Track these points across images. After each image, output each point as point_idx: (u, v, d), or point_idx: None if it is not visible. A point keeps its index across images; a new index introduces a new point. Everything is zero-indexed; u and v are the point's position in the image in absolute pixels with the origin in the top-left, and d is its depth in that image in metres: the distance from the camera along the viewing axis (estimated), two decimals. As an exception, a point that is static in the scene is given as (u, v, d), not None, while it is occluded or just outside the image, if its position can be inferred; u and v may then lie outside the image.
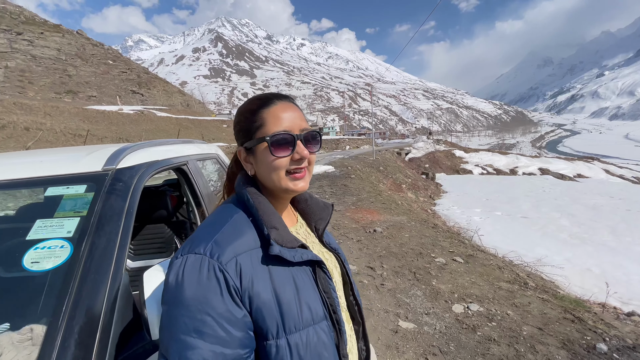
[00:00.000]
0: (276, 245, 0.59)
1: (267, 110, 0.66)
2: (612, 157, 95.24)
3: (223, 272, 0.54)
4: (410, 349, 2.37)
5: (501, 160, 32.18)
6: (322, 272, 0.66)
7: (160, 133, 24.60)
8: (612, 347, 2.32)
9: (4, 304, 0.79)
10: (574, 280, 6.58)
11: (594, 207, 15.33)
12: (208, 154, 1.90)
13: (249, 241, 0.60)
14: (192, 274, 0.54)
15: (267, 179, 0.66)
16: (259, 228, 0.62)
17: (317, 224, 0.78)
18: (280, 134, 0.64)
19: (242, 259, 0.57)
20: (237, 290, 0.54)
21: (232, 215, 0.63)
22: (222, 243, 0.57)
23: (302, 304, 0.59)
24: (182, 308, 0.52)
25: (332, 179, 10.80)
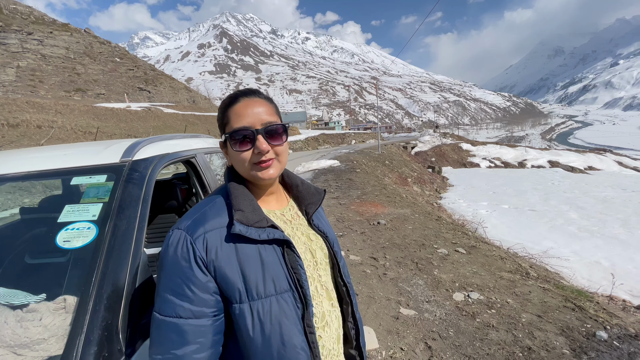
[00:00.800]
0: (237, 225, 0.66)
1: (231, 108, 0.72)
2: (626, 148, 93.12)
3: (192, 244, 0.65)
4: (411, 334, 2.46)
5: (509, 153, 31.78)
6: (290, 250, 0.71)
7: (168, 129, 24.91)
8: (612, 335, 2.36)
9: (41, 279, 0.90)
10: (582, 273, 6.58)
11: (604, 200, 15.12)
12: (215, 148, 2.00)
13: (221, 221, 0.69)
14: (172, 245, 0.65)
15: (239, 170, 0.74)
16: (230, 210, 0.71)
17: (308, 208, 0.84)
18: (238, 130, 0.70)
19: (209, 235, 0.66)
20: (202, 259, 0.65)
21: (214, 200, 0.73)
22: (198, 222, 0.68)
23: (267, 277, 0.67)
24: (163, 271, 0.65)
25: (337, 173, 10.88)
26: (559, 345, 2.25)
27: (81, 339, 0.69)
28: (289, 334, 0.67)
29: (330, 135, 39.39)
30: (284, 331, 0.67)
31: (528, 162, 29.37)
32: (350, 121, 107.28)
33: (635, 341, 2.27)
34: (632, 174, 27.09)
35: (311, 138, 34.63)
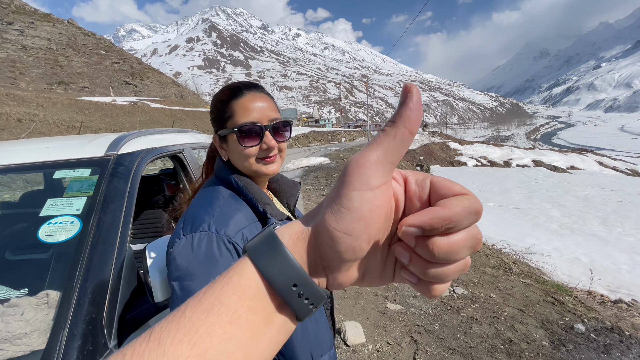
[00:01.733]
0: (273, 219, 0.68)
1: (236, 101, 0.71)
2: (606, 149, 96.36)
3: (233, 244, 0.62)
4: (397, 328, 2.51)
5: (495, 153, 32.47)
6: None
7: (155, 124, 24.44)
8: (589, 328, 2.46)
9: (22, 274, 0.89)
10: (562, 269, 6.80)
11: (585, 199, 15.63)
12: (203, 144, 1.99)
13: (247, 217, 0.68)
14: (204, 250, 0.60)
15: (239, 165, 0.73)
16: (252, 206, 0.70)
17: (289, 200, 0.88)
18: (247, 125, 0.70)
19: (246, 232, 0.65)
20: None
21: (223, 196, 0.70)
22: (224, 220, 0.64)
23: None
24: (200, 280, 0.58)
25: (327, 171, 10.91)
26: (539, 337, 2.34)
27: (64, 333, 0.69)
28: (318, 314, 0.73)
29: (320, 133, 39.39)
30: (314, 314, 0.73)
31: (513, 161, 30.09)
32: (340, 119, 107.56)
33: (611, 333, 2.38)
34: (611, 174, 28.10)
35: (301, 135, 34.55)
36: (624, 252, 8.58)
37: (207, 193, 0.73)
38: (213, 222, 0.63)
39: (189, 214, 0.68)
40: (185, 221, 0.66)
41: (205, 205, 0.67)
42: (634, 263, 7.80)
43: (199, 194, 0.75)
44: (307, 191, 7.88)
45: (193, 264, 0.59)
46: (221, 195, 0.70)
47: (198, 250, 0.60)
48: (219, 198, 0.69)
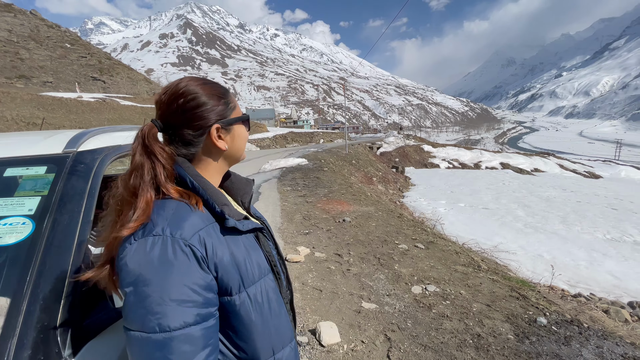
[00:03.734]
0: (231, 219, 0.68)
1: (231, 95, 0.78)
2: (566, 153, 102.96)
3: (190, 247, 0.60)
4: (372, 326, 2.54)
5: (466, 155, 33.84)
6: (262, 236, 0.79)
7: (125, 122, 23.38)
8: (551, 321, 2.61)
9: None
10: (527, 265, 7.18)
11: (547, 199, 16.63)
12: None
13: (203, 218, 0.66)
14: (158, 254, 0.58)
15: (239, 150, 0.80)
16: (209, 207, 0.69)
17: (243, 198, 0.88)
18: (246, 114, 0.81)
19: (202, 233, 0.63)
20: (203, 258, 0.61)
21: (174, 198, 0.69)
22: (178, 222, 0.62)
23: (253, 262, 0.71)
24: (155, 285, 0.56)
25: (305, 172, 10.89)
26: (505, 331, 2.45)
27: (13, 342, 0.64)
28: (278, 307, 0.75)
29: (298, 134, 39.29)
30: (273, 306, 0.73)
31: (483, 163, 31.48)
32: (319, 120, 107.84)
33: (570, 326, 2.54)
34: (571, 176, 30.08)
35: (279, 136, 34.29)
36: (582, 249, 9.20)
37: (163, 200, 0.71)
38: (167, 225, 0.61)
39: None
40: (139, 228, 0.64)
41: (157, 208, 0.65)
42: (592, 259, 8.39)
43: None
44: (285, 192, 7.83)
45: (146, 269, 0.57)
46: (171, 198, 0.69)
47: (151, 254, 0.58)
48: (172, 200, 0.67)
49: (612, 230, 11.33)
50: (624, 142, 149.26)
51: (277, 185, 8.80)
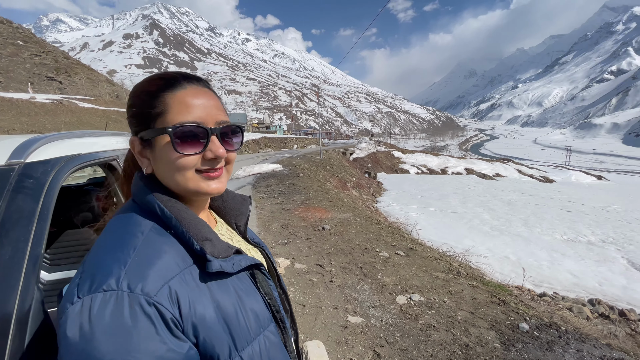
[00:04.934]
0: (216, 261, 0.51)
1: (172, 94, 0.53)
2: (523, 159, 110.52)
3: (155, 306, 0.43)
4: (360, 342, 2.43)
5: (433, 161, 35.21)
6: (260, 274, 0.61)
7: (84, 126, 21.84)
8: (532, 326, 2.65)
9: None
10: (496, 267, 7.46)
11: (509, 203, 17.61)
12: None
13: (176, 260, 0.49)
14: (110, 319, 0.41)
15: (169, 179, 0.55)
16: (184, 242, 0.52)
17: (237, 220, 0.71)
18: (188, 126, 0.52)
19: (174, 284, 0.46)
20: (176, 322, 0.45)
21: (141, 232, 0.50)
22: (141, 269, 0.45)
23: (248, 313, 0.54)
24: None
25: (280, 178, 10.68)
26: (491, 339, 2.44)
27: None
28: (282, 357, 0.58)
29: (272, 139, 38.86)
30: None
31: (449, 169, 32.89)
32: (292, 126, 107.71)
33: (550, 330, 2.58)
34: (528, 180, 32.23)
35: (252, 141, 33.70)
36: (543, 250, 9.76)
37: (117, 227, 0.52)
38: (124, 274, 0.44)
39: (89, 261, 0.47)
40: (82, 274, 0.46)
41: (113, 248, 0.48)
42: (552, 259, 8.90)
43: (107, 228, 0.53)
44: (260, 199, 7.59)
45: (93, 344, 0.40)
46: (138, 230, 0.50)
47: (99, 320, 0.41)
48: (135, 235, 0.49)
49: (568, 231, 12.18)
50: (573, 149, 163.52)
51: (252, 192, 8.53)
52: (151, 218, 0.52)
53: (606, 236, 11.53)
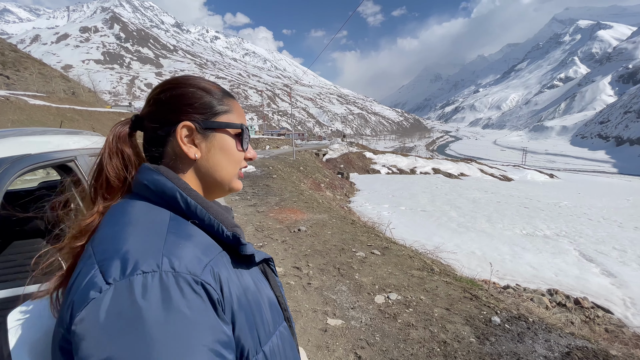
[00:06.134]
0: (249, 245, 0.52)
1: (232, 100, 0.61)
2: (485, 159, 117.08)
3: (203, 285, 0.40)
4: (340, 345, 2.40)
5: (403, 161, 36.31)
6: (270, 271, 0.61)
7: (35, 124, 20.09)
8: (503, 319, 2.76)
9: None
10: (463, 262, 7.78)
11: (474, 200, 18.53)
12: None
13: (209, 245, 0.48)
14: (159, 300, 0.37)
15: (219, 171, 0.58)
16: (211, 230, 0.50)
17: None
18: (248, 128, 0.61)
19: (215, 265, 0.45)
20: (221, 303, 0.42)
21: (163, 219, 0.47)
22: (180, 250, 0.42)
23: (267, 308, 0.52)
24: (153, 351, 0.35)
25: (253, 179, 10.45)
26: (467, 335, 2.51)
27: None
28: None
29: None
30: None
31: (417, 169, 34.07)
32: (264, 126, 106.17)
33: (519, 321, 2.70)
34: (490, 179, 34.16)
35: (221, 142, 32.73)
36: (505, 244, 10.34)
37: (133, 216, 0.47)
38: (162, 254, 0.41)
39: (110, 248, 0.42)
40: (104, 261, 0.40)
41: (139, 233, 0.44)
42: (514, 253, 9.45)
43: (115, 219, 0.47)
44: (233, 202, 7.36)
45: (146, 331, 0.35)
46: (159, 217, 0.47)
47: (148, 302, 0.37)
48: (159, 222, 0.46)
49: (526, 226, 13.02)
50: (528, 150, 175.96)
51: (223, 194, 8.25)
52: (168, 208, 0.50)
53: (559, 230, 12.47)
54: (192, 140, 0.56)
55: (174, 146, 0.55)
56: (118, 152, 0.57)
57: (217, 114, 0.58)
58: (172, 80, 0.58)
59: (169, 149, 0.56)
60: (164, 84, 0.58)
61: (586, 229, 12.85)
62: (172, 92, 0.56)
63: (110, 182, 0.56)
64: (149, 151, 0.58)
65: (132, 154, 0.58)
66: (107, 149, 0.56)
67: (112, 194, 0.56)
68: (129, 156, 0.57)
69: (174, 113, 0.55)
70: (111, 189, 0.56)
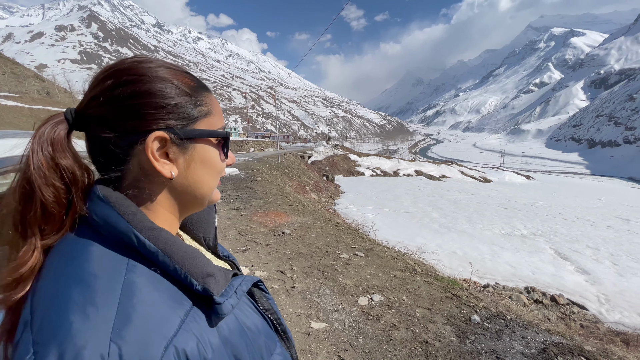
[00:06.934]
0: (227, 302, 0.42)
1: (210, 95, 0.49)
2: (465, 161, 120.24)
3: None
4: (324, 349, 2.40)
5: (387, 164, 36.84)
6: (259, 291, 0.55)
7: (6, 126, 19.13)
8: (482, 317, 2.84)
9: None
10: (445, 262, 7.96)
11: (454, 202, 18.99)
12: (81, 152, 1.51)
13: (173, 308, 0.38)
14: None
15: (200, 186, 0.47)
16: (178, 280, 0.41)
17: (205, 233, 0.62)
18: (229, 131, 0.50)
19: (179, 342, 0.36)
20: None
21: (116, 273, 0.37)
22: (134, 330, 0.33)
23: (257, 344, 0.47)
24: None
25: (237, 182, 10.32)
26: (447, 334, 2.56)
27: None
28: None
29: (226, 142, 37.50)
30: None
31: (400, 171, 34.64)
32: (248, 128, 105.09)
33: (498, 319, 2.79)
34: (470, 181, 35.12)
35: (204, 144, 32.14)
36: (485, 244, 10.65)
37: (81, 267, 0.37)
38: (110, 340, 0.32)
39: (48, 324, 0.33)
40: (40, 345, 0.32)
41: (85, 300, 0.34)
42: (493, 252, 9.74)
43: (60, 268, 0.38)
44: (216, 205, 7.24)
45: None
46: (113, 272, 0.38)
47: None
48: (111, 279, 0.37)
49: (505, 226, 13.45)
50: (506, 152, 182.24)
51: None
52: (124, 251, 0.40)
53: (536, 229, 12.95)
54: (166, 154, 0.44)
55: (141, 162, 0.43)
56: (55, 167, 0.42)
57: (197, 118, 0.46)
58: (130, 66, 0.43)
59: (132, 166, 0.43)
60: (118, 73, 0.43)
61: (561, 228, 13.41)
62: (133, 87, 0.42)
63: (47, 211, 0.41)
64: (98, 163, 0.45)
65: (76, 167, 0.44)
66: (35, 162, 0.40)
67: (52, 225, 0.42)
68: (72, 170, 0.43)
69: (140, 120, 0.42)
70: (51, 220, 0.41)
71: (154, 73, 0.43)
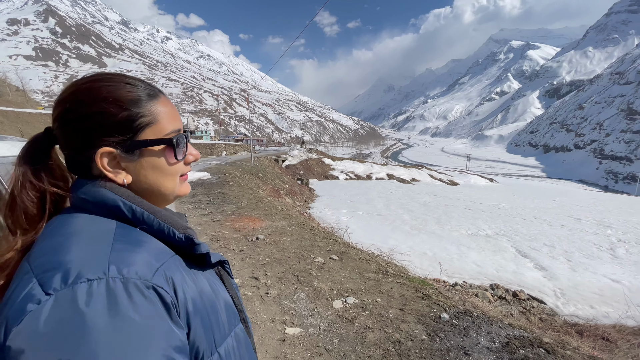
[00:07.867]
0: (203, 244, 0.52)
1: (156, 102, 0.53)
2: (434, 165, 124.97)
3: (155, 289, 0.39)
4: (299, 354, 2.38)
5: (360, 168, 37.47)
6: (225, 273, 0.60)
7: (-56, 127, 17.39)
8: (451, 315, 2.95)
9: None
10: (416, 263, 8.19)
11: (424, 204, 19.65)
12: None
13: (161, 250, 0.47)
14: (105, 307, 0.35)
15: (158, 186, 0.54)
16: (161, 235, 0.49)
17: None
18: (181, 134, 0.55)
19: (167, 269, 0.44)
20: (175, 306, 0.42)
21: (108, 227, 0.45)
22: (128, 256, 0.41)
23: (222, 308, 0.52)
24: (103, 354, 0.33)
25: (208, 187, 10.02)
26: (419, 333, 2.64)
27: None
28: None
29: (198, 145, 36.44)
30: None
31: (373, 175, 35.37)
32: (220, 131, 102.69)
33: (465, 316, 2.91)
34: (438, 184, 36.55)
35: (174, 148, 30.98)
36: (453, 244, 11.09)
37: (76, 226, 0.45)
38: (110, 261, 0.39)
39: (50, 260, 0.39)
40: (44, 273, 0.37)
41: (83, 242, 0.42)
42: (460, 252, 10.17)
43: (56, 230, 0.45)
44: (186, 211, 6.98)
45: (91, 340, 0.33)
46: (105, 226, 0.46)
47: (92, 310, 0.34)
48: (104, 230, 0.45)
49: (471, 227, 14.10)
50: (471, 156, 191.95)
51: (175, 203, 7.80)
52: (112, 217, 0.48)
53: (499, 229, 13.70)
54: (118, 164, 0.51)
55: (100, 171, 0.50)
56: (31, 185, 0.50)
57: (140, 129, 0.51)
58: (79, 90, 0.49)
59: (96, 172, 0.51)
60: (69, 98, 0.49)
61: (521, 227, 14.28)
62: (79, 111, 0.48)
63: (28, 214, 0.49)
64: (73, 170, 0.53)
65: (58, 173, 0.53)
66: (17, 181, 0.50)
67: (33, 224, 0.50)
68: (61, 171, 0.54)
69: (87, 139, 0.49)
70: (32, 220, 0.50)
71: (97, 94, 0.49)
